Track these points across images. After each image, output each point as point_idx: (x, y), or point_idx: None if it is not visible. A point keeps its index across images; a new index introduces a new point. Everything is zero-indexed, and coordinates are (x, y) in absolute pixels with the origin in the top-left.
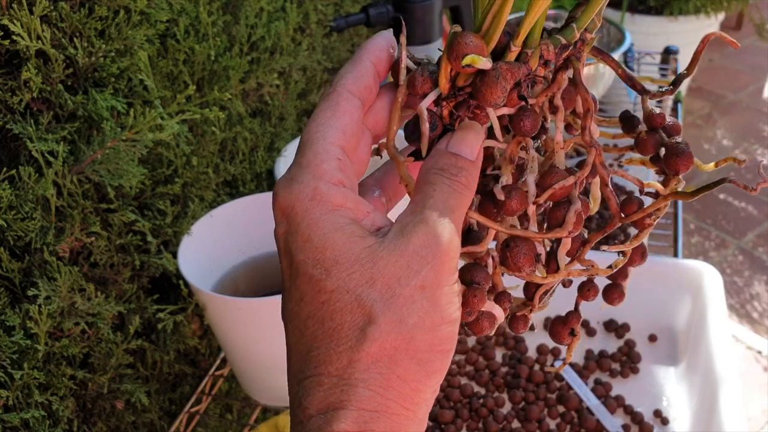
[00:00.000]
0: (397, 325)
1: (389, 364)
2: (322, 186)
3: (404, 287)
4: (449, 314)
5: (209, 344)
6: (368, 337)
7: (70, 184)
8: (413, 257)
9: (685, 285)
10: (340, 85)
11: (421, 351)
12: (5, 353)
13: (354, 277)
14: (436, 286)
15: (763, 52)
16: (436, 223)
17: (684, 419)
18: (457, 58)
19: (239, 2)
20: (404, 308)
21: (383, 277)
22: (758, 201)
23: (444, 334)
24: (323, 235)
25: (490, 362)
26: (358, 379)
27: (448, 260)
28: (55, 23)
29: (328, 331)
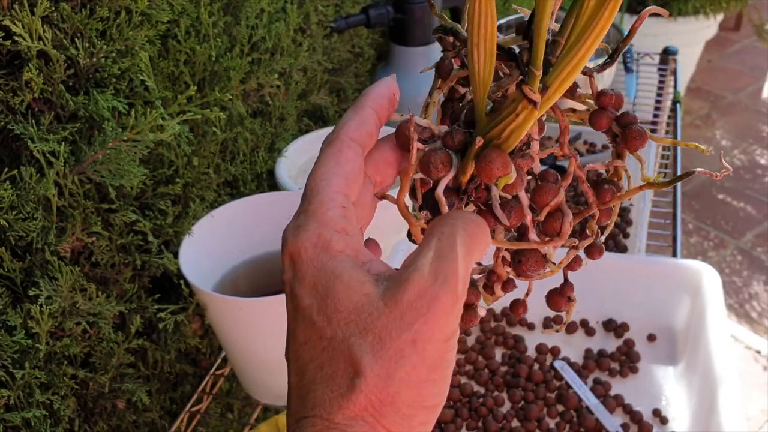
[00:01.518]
0: (384, 379)
1: (376, 416)
2: (326, 233)
3: (395, 340)
4: (439, 369)
5: (210, 344)
6: (356, 388)
7: (71, 185)
8: (407, 309)
9: (684, 285)
10: (343, 133)
11: (406, 405)
12: (7, 353)
13: (350, 326)
14: (427, 340)
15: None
16: (436, 271)
17: (683, 419)
18: (490, 179)
19: (240, 3)
20: (392, 362)
21: (376, 329)
22: (757, 201)
23: (430, 390)
24: (326, 282)
25: (489, 361)
26: (347, 425)
27: (443, 313)
28: (57, 24)
29: (325, 377)
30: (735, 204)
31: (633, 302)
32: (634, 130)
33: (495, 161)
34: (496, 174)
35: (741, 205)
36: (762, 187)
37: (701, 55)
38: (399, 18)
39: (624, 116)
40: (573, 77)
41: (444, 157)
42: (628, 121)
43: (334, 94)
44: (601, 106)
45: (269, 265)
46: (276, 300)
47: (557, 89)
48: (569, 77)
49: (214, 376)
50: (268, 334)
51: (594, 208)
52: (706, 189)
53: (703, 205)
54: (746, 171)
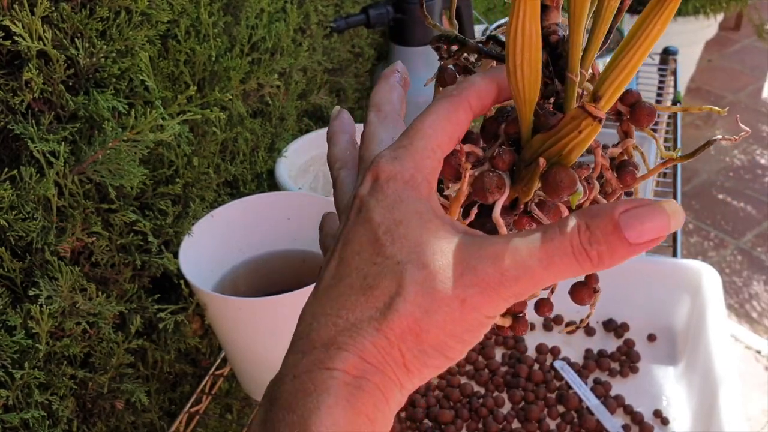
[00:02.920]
0: (422, 312)
1: (398, 336)
2: (419, 176)
3: (446, 290)
4: (472, 334)
5: (210, 344)
6: (392, 306)
7: (71, 185)
8: (471, 271)
9: (684, 285)
10: (465, 94)
11: (429, 345)
12: (6, 353)
13: (411, 256)
14: (475, 308)
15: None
16: (522, 263)
17: (684, 419)
18: (561, 198)
19: (240, 3)
20: (436, 304)
21: (434, 269)
22: (757, 201)
23: (456, 345)
24: (404, 211)
25: (489, 362)
26: (368, 333)
27: (501, 299)
28: (57, 24)
29: (365, 287)
30: (735, 204)
31: (633, 302)
32: (645, 107)
33: (564, 181)
34: (567, 193)
35: (741, 205)
36: (762, 187)
37: (701, 55)
38: (399, 18)
39: (628, 95)
40: (627, 82)
41: (498, 180)
42: (633, 99)
43: (334, 94)
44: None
45: (269, 265)
46: (276, 300)
47: (611, 98)
48: (623, 84)
49: (214, 377)
50: (268, 334)
51: (618, 193)
52: (706, 189)
53: (703, 205)
54: (746, 171)
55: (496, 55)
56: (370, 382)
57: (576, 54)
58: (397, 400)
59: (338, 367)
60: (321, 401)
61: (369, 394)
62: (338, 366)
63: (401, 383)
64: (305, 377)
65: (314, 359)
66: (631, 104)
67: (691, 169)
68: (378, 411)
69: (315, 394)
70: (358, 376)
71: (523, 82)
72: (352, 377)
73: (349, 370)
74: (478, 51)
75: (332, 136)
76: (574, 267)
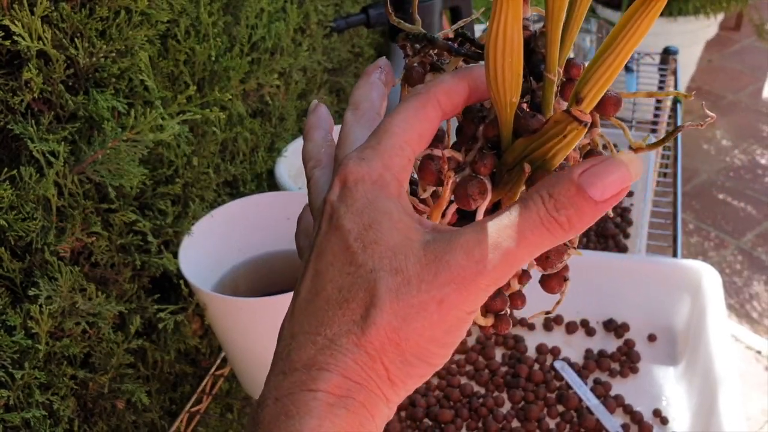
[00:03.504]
0: (400, 321)
1: (379, 349)
2: (387, 175)
3: (422, 293)
4: (453, 335)
5: (210, 344)
6: (369, 319)
7: (71, 184)
8: (445, 269)
9: (685, 285)
10: (434, 92)
11: (411, 354)
12: (6, 353)
13: (383, 262)
14: (454, 306)
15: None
16: (490, 251)
17: (683, 419)
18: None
19: (240, 3)
20: (413, 310)
21: (407, 273)
22: (757, 201)
23: (438, 350)
24: (373, 214)
25: (489, 362)
26: (349, 349)
27: (479, 290)
28: (56, 24)
29: (341, 300)
30: (735, 204)
31: (633, 302)
32: (611, 96)
33: None
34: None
35: (741, 205)
36: (762, 187)
37: (701, 55)
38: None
39: None
40: (609, 83)
41: (480, 186)
42: None
43: (334, 94)
44: (569, 78)
45: (269, 265)
46: (276, 300)
47: (593, 99)
48: (605, 85)
49: (214, 377)
50: (268, 334)
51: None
52: (707, 189)
53: (703, 205)
54: (746, 171)
55: (466, 53)
56: (355, 401)
57: (554, 52)
58: (384, 414)
59: (321, 388)
60: (303, 424)
61: (354, 414)
62: (321, 387)
63: (387, 397)
64: (287, 400)
65: (295, 380)
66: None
67: (691, 169)
68: (364, 429)
69: (297, 417)
70: (342, 396)
71: (504, 86)
72: (335, 397)
73: (332, 390)
74: (447, 49)
75: (307, 132)
76: (546, 237)
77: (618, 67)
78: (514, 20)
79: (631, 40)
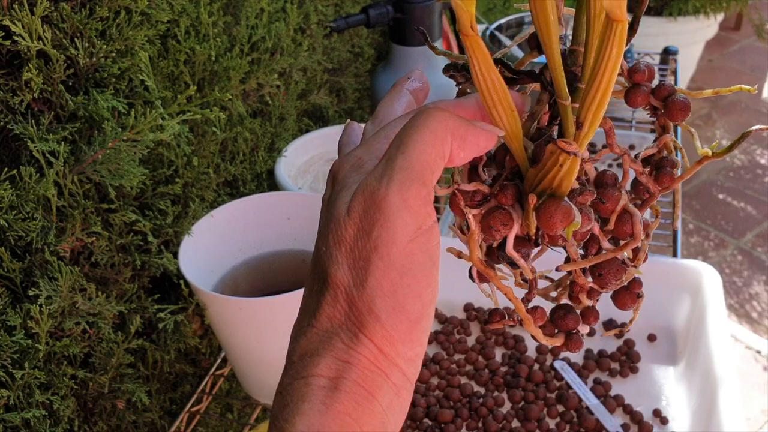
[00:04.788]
0: (358, 287)
1: (357, 325)
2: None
3: (361, 250)
4: (410, 274)
5: (210, 344)
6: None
7: (71, 184)
8: (363, 217)
9: (685, 285)
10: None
11: (385, 314)
12: (6, 353)
13: (331, 239)
14: (389, 243)
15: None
16: (382, 174)
17: (683, 419)
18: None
19: (240, 3)
20: (362, 271)
21: (346, 241)
22: (757, 201)
23: (406, 297)
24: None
25: (489, 362)
26: (334, 332)
27: (397, 214)
28: (56, 24)
29: (311, 289)
30: (735, 204)
31: None
32: (678, 102)
33: (555, 215)
34: (561, 227)
35: (741, 205)
36: (762, 187)
37: (701, 55)
38: (399, 18)
39: (661, 88)
40: (604, 107)
41: (503, 217)
42: (667, 92)
43: (334, 94)
44: (634, 83)
45: (269, 265)
46: (276, 300)
47: (592, 124)
48: (600, 109)
49: (214, 377)
50: (268, 334)
51: (657, 197)
52: (706, 189)
53: (704, 205)
54: (746, 171)
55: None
56: (348, 380)
57: (560, 79)
58: (387, 391)
59: (312, 373)
60: (296, 410)
61: (348, 393)
62: (312, 372)
63: (385, 371)
64: (285, 392)
65: (293, 372)
66: (664, 98)
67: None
68: (363, 409)
69: (291, 405)
70: (333, 378)
71: (502, 120)
72: (326, 380)
73: (323, 373)
74: None
75: (341, 148)
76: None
77: (606, 91)
78: (484, 61)
79: (609, 64)
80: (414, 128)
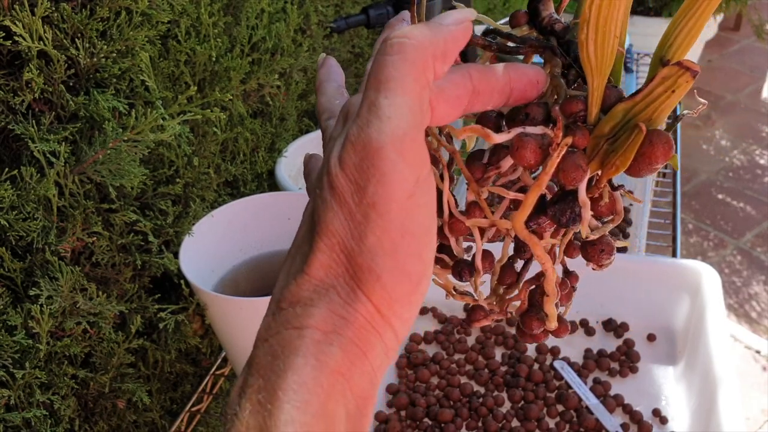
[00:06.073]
0: (357, 242)
1: (356, 280)
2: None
3: (358, 205)
4: (410, 233)
5: (210, 343)
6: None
7: (71, 185)
8: (357, 171)
9: (684, 285)
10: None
11: (386, 273)
12: (7, 353)
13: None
14: (388, 200)
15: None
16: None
17: (683, 418)
18: (660, 163)
19: (240, 3)
20: (361, 226)
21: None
22: (757, 201)
23: (408, 256)
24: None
25: (489, 361)
26: (330, 284)
27: (393, 168)
28: (57, 24)
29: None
30: (735, 204)
31: (633, 302)
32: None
33: (667, 143)
34: (663, 160)
35: (741, 205)
36: (762, 187)
37: (701, 56)
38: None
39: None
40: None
41: (583, 158)
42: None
43: None
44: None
45: (269, 265)
46: None
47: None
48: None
49: (215, 376)
50: None
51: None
52: (706, 189)
53: (703, 205)
54: (746, 171)
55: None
56: (343, 337)
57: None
58: (379, 352)
59: (306, 324)
60: (288, 364)
61: (343, 350)
62: (306, 323)
63: (379, 332)
64: (273, 340)
65: (282, 320)
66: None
67: (690, 169)
68: (355, 368)
69: (282, 357)
70: (328, 332)
71: (596, 53)
72: (322, 333)
73: (318, 326)
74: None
75: (320, 85)
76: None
77: (701, 27)
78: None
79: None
80: (391, 64)
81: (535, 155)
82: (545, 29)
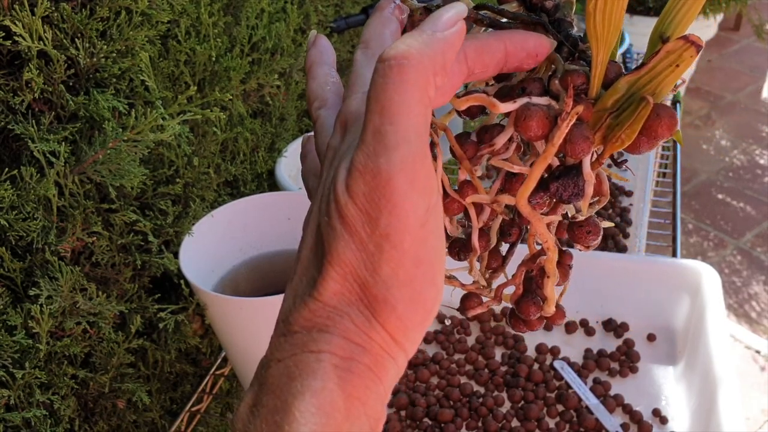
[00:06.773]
0: (371, 273)
1: (370, 308)
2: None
3: (371, 236)
4: (425, 262)
5: (210, 343)
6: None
7: (71, 184)
8: (367, 202)
9: (684, 285)
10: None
11: (402, 304)
12: (7, 353)
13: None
14: (401, 231)
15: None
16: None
17: (683, 418)
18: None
19: (240, 3)
20: (375, 257)
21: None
22: (757, 201)
23: (423, 287)
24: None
25: (489, 361)
26: (344, 311)
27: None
28: (57, 24)
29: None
30: (735, 204)
31: (633, 302)
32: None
33: (673, 116)
34: (668, 133)
35: (741, 205)
36: (762, 187)
37: (701, 55)
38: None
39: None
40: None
41: (587, 132)
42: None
43: None
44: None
45: (269, 265)
46: (277, 300)
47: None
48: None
49: (215, 376)
50: (268, 334)
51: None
52: (706, 189)
53: (703, 205)
54: (746, 171)
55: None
56: (360, 364)
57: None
58: (392, 374)
59: (324, 349)
60: (306, 386)
61: (359, 377)
62: (324, 348)
63: (393, 357)
64: (290, 361)
65: (296, 342)
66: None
67: (690, 169)
68: (370, 392)
69: (300, 378)
70: (346, 358)
71: (603, 24)
72: (339, 359)
73: (336, 351)
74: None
75: (310, 68)
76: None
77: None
78: None
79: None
80: (392, 85)
81: (542, 125)
82: (535, 6)
